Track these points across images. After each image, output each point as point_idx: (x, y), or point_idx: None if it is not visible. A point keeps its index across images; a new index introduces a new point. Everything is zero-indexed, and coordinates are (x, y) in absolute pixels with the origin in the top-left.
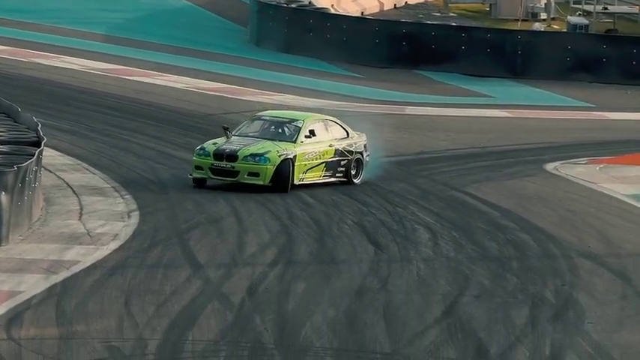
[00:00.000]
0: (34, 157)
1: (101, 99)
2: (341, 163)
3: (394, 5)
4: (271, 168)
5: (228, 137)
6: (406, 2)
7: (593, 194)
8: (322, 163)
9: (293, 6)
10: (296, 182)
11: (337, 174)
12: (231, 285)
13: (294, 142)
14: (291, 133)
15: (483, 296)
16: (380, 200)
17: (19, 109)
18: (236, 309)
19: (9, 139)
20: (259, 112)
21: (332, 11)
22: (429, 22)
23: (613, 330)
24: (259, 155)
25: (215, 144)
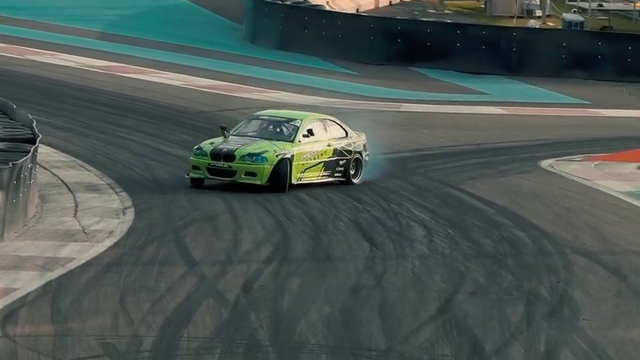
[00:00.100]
0: (29, 155)
1: (97, 96)
2: (340, 163)
3: (389, 2)
4: (268, 168)
5: (225, 137)
6: None
7: (588, 191)
8: (320, 163)
9: (288, 3)
10: (294, 182)
11: (336, 174)
12: (226, 282)
13: (291, 142)
14: (289, 133)
15: (478, 293)
16: (375, 197)
17: (14, 106)
18: (231, 306)
19: (4, 137)
20: (257, 112)
21: (327, 8)
22: (425, 19)
23: (608, 327)
24: (256, 155)
25: (212, 143)
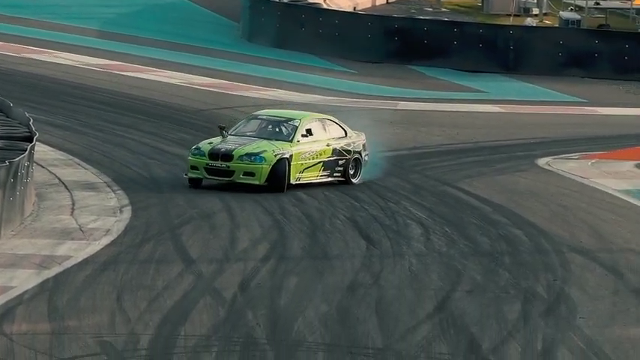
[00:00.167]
0: (26, 153)
1: (94, 94)
2: (339, 163)
3: (386, 0)
4: (267, 167)
5: (224, 136)
6: None
7: (584, 189)
8: (319, 163)
9: (285, 1)
10: (292, 182)
11: (335, 174)
12: (223, 280)
13: (290, 142)
14: (287, 133)
15: (475, 291)
16: (372, 195)
17: (11, 104)
18: (228, 304)
19: (1, 135)
20: (256, 112)
21: (324, 6)
22: (422, 18)
23: (605, 325)
24: (255, 155)
25: (211, 143)
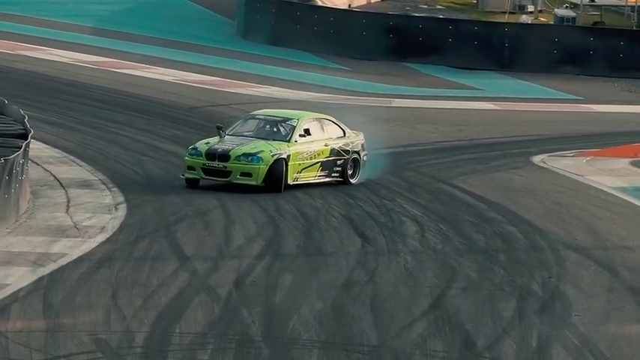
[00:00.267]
0: (21, 150)
1: (88, 91)
2: (337, 163)
3: None
4: (264, 168)
5: (221, 136)
6: None
7: (580, 187)
8: (317, 163)
9: None
10: (290, 182)
11: (333, 174)
12: (218, 277)
13: (288, 142)
14: (285, 133)
15: (470, 289)
16: (367, 193)
17: (6, 102)
18: (223, 302)
19: None
20: (253, 111)
21: (319, 3)
22: (417, 15)
23: (600, 322)
24: (252, 155)
25: (208, 143)
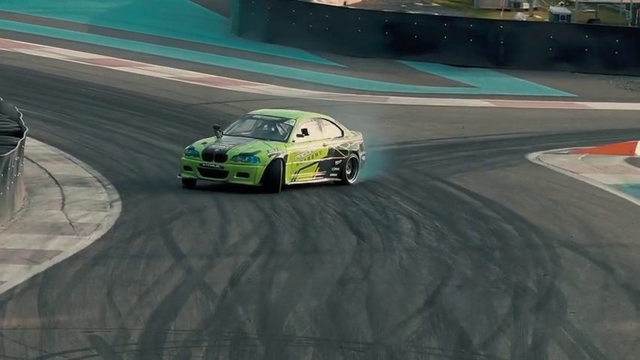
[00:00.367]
0: (16, 147)
1: (84, 89)
2: (335, 163)
3: None
4: (261, 168)
5: (218, 136)
6: None
7: (575, 184)
8: (315, 163)
9: None
10: (287, 183)
11: (331, 174)
12: (213, 275)
13: (285, 142)
14: (283, 133)
15: (466, 286)
16: (363, 190)
17: (1, 99)
18: (218, 299)
19: None
20: (251, 111)
21: (315, 1)
22: (412, 12)
23: (595, 320)
24: (249, 155)
25: (205, 143)
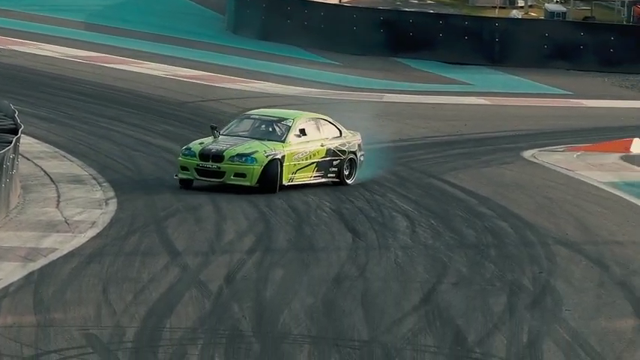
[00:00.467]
0: (12, 145)
1: (79, 86)
2: (333, 163)
3: None
4: (258, 168)
5: (215, 137)
6: None
7: (570, 181)
8: (313, 164)
9: None
10: (285, 183)
11: (329, 174)
12: (209, 272)
13: (282, 142)
14: (280, 133)
15: (461, 284)
16: (358, 188)
17: None
18: (214, 296)
19: None
20: (249, 111)
21: None
22: (407, 10)
23: (590, 317)
24: (246, 155)
25: (202, 144)
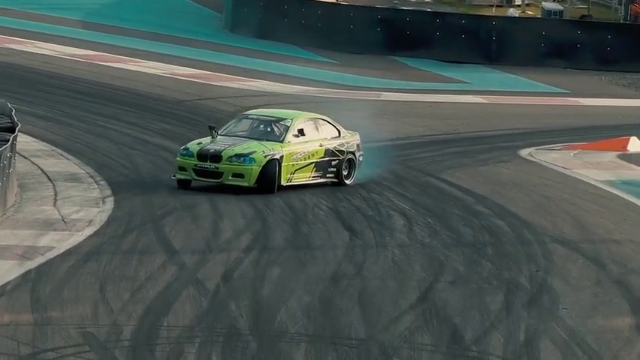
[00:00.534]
0: (9, 143)
1: (77, 85)
2: (332, 164)
3: None
4: (256, 169)
5: (213, 137)
6: None
7: (567, 180)
8: (312, 164)
9: None
10: (283, 183)
11: (328, 174)
12: (206, 271)
13: (281, 142)
14: (279, 133)
15: (458, 282)
16: (355, 186)
17: None
18: (211, 295)
19: None
20: (247, 111)
21: None
22: (404, 8)
23: (587, 315)
24: (244, 156)
25: (200, 144)
